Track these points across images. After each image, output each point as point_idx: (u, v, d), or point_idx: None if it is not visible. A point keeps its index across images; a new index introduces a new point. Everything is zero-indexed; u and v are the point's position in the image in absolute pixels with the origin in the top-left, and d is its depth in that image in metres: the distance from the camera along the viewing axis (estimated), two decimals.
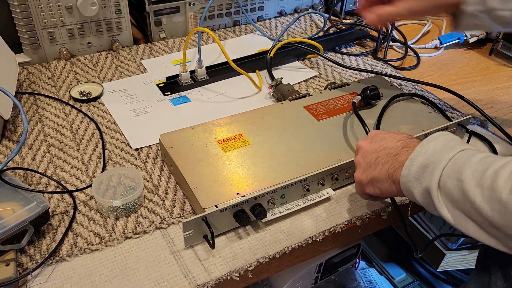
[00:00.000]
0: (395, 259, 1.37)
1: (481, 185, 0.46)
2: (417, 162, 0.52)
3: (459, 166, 0.49)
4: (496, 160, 0.47)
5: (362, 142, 0.63)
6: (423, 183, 0.52)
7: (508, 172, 0.45)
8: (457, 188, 0.48)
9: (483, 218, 0.46)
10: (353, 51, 1.10)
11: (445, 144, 0.53)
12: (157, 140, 0.78)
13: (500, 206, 0.44)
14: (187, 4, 1.07)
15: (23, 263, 0.59)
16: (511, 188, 0.43)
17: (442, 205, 0.50)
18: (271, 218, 0.65)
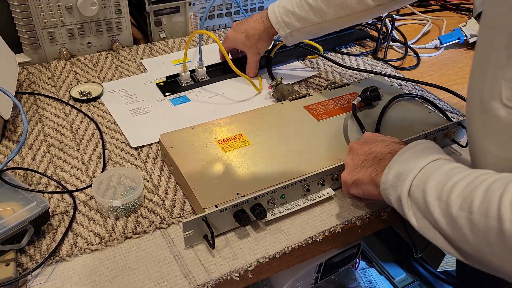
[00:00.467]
0: (395, 259, 1.37)
1: (440, 198, 0.47)
2: (394, 170, 0.55)
3: (427, 177, 0.50)
4: (458, 173, 0.48)
5: (354, 143, 0.66)
6: (397, 191, 0.53)
7: (462, 186, 0.46)
8: (422, 199, 0.49)
9: (441, 229, 0.47)
10: (353, 51, 1.10)
11: (420, 153, 0.55)
12: (157, 140, 0.78)
13: (452, 220, 0.45)
14: (187, 4, 1.07)
15: (23, 263, 0.59)
16: (460, 203, 0.44)
17: (411, 214, 0.52)
18: (271, 218, 0.65)
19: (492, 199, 0.42)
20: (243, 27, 0.90)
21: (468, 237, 0.44)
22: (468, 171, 0.48)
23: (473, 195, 0.44)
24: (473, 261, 0.46)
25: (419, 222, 0.51)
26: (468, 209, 0.44)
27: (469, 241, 0.44)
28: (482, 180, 0.45)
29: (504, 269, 0.43)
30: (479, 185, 0.44)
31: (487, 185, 0.44)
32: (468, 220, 0.43)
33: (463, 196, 0.45)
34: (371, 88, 0.82)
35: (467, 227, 0.44)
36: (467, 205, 0.44)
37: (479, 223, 0.42)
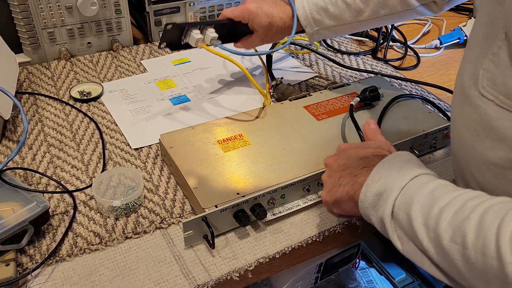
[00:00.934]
0: (395, 259, 1.37)
1: (427, 225, 0.45)
2: (373, 189, 0.51)
3: (410, 198, 0.47)
4: (443, 195, 0.46)
5: (329, 159, 0.61)
6: (379, 212, 0.51)
7: (450, 214, 0.43)
8: (407, 224, 0.47)
9: (430, 257, 0.45)
10: (353, 51, 1.10)
11: (399, 169, 0.51)
12: (157, 140, 0.78)
13: (443, 252, 0.43)
14: (187, 4, 1.07)
15: (23, 263, 0.59)
16: (451, 235, 0.42)
17: (396, 238, 0.49)
18: (271, 218, 0.65)
19: (488, 235, 0.39)
20: (269, 10, 0.80)
21: (462, 270, 0.42)
22: (453, 192, 0.46)
23: (465, 227, 0.41)
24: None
25: (405, 245, 0.48)
26: (462, 243, 0.41)
27: (463, 274, 0.42)
28: (472, 209, 0.42)
29: None
30: (470, 215, 0.42)
31: (479, 216, 0.41)
32: (462, 255, 0.41)
33: (453, 227, 0.42)
34: (370, 88, 0.82)
35: (461, 262, 0.42)
36: (460, 238, 0.41)
37: (476, 260, 0.40)
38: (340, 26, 0.81)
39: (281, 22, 0.81)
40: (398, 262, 1.36)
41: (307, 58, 1.06)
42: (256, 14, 0.78)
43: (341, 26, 0.81)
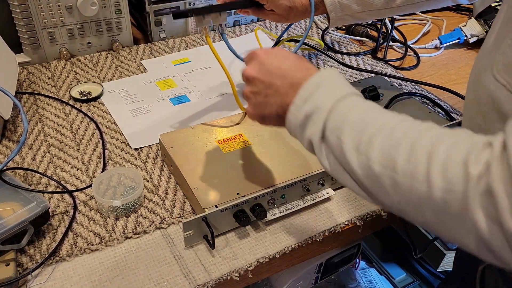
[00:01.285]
0: (395, 259, 1.37)
1: (358, 149, 0.45)
2: (302, 110, 0.50)
3: (341, 122, 0.47)
4: (374, 120, 0.46)
5: (250, 72, 0.57)
6: (307, 132, 0.50)
7: (381, 140, 0.44)
8: (338, 146, 0.47)
9: (358, 179, 0.46)
10: (353, 51, 1.10)
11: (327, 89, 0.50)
12: (157, 140, 0.78)
13: (373, 175, 0.43)
14: (187, 4, 1.07)
15: (23, 263, 0.59)
16: (382, 160, 0.43)
17: (324, 157, 0.49)
18: (271, 218, 0.65)
19: (418, 161, 0.40)
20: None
21: (391, 194, 0.43)
22: (382, 116, 0.46)
23: (396, 152, 0.42)
24: (389, 210, 0.46)
25: (332, 166, 0.49)
26: (392, 168, 0.42)
27: (391, 197, 0.43)
28: (403, 134, 0.43)
29: (428, 226, 0.42)
30: (402, 140, 0.42)
31: (411, 142, 0.42)
32: (391, 179, 0.42)
33: (384, 152, 0.43)
34: (369, 88, 0.82)
35: (390, 186, 0.42)
36: (391, 163, 0.42)
37: (404, 185, 0.41)
38: (367, 12, 0.79)
39: (302, 8, 0.81)
40: (398, 262, 1.36)
41: (306, 58, 1.06)
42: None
43: (368, 12, 0.79)
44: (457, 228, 0.39)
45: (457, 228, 0.39)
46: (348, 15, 0.81)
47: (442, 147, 0.40)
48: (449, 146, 0.39)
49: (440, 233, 0.42)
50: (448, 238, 0.41)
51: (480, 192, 0.36)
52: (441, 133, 0.42)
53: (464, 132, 0.41)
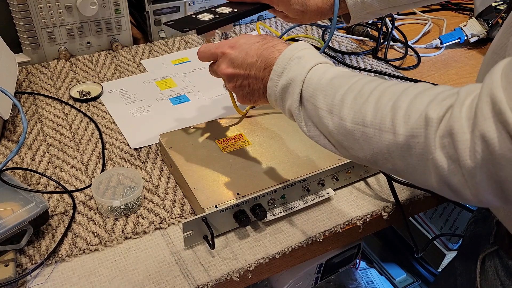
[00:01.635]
0: (396, 260, 1.37)
1: (331, 112, 0.49)
2: (278, 84, 0.55)
3: (313, 89, 0.52)
4: (342, 83, 0.50)
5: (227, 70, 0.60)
6: (286, 104, 0.55)
7: (351, 99, 0.48)
8: (314, 112, 0.51)
9: (335, 140, 0.50)
10: (353, 50, 1.10)
11: (298, 60, 0.54)
12: (156, 140, 0.78)
13: (346, 132, 0.48)
14: (187, 4, 1.07)
15: (22, 263, 0.59)
16: (353, 117, 0.47)
17: (303, 124, 0.54)
18: (271, 219, 0.65)
19: (384, 113, 0.44)
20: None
21: (363, 146, 0.47)
22: (350, 79, 0.50)
23: (365, 108, 0.46)
24: (364, 163, 0.50)
25: (311, 131, 0.53)
26: (362, 123, 0.46)
27: (364, 150, 0.47)
28: (369, 92, 0.47)
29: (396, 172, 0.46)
30: (368, 98, 0.46)
31: (376, 98, 0.46)
32: (362, 133, 0.46)
33: (354, 110, 0.47)
34: None
35: (362, 139, 0.47)
36: (360, 119, 0.46)
37: (374, 135, 0.45)
38: (389, 9, 0.78)
39: (317, 11, 0.77)
40: (398, 263, 1.36)
41: None
42: (288, 2, 0.75)
43: (391, 9, 0.78)
44: (421, 170, 0.42)
45: (421, 170, 0.42)
46: (370, 13, 0.79)
47: (406, 98, 0.44)
48: (412, 97, 0.43)
49: (407, 177, 0.46)
50: (414, 181, 0.45)
51: (440, 133, 0.40)
52: (405, 86, 0.46)
53: (426, 85, 0.45)
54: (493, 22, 1.11)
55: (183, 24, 0.68)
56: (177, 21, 0.70)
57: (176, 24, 0.68)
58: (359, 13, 0.78)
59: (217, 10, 0.72)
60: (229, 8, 0.72)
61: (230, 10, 0.72)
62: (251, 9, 0.74)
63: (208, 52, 0.63)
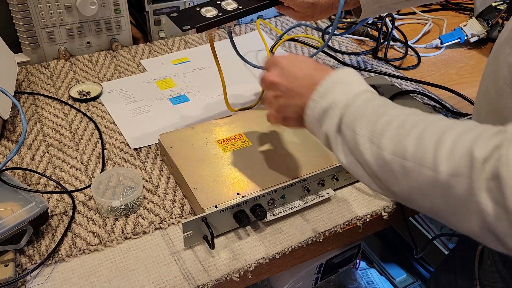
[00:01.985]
0: (396, 260, 1.37)
1: (371, 140, 0.47)
2: (319, 105, 0.53)
3: (355, 115, 0.50)
4: (386, 112, 0.48)
5: (273, 77, 0.60)
6: (324, 127, 0.53)
7: (393, 129, 0.46)
8: (352, 138, 0.49)
9: (370, 170, 0.48)
10: (353, 50, 1.10)
11: (343, 85, 0.53)
12: (156, 140, 0.78)
13: (384, 164, 0.46)
14: (187, 4, 1.07)
15: (22, 263, 0.59)
16: (393, 148, 0.45)
17: (339, 150, 0.52)
18: (271, 219, 0.65)
19: (426, 148, 0.42)
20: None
21: (400, 180, 0.45)
22: (395, 109, 0.49)
23: (406, 141, 0.44)
24: (399, 199, 0.48)
25: (347, 158, 0.51)
26: (402, 156, 0.44)
27: (400, 184, 0.45)
28: (413, 124, 0.45)
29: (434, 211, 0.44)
30: (411, 130, 0.45)
31: (420, 131, 0.44)
32: (401, 166, 0.44)
33: (395, 141, 0.45)
34: None
35: (400, 172, 0.44)
36: (401, 151, 0.44)
37: (413, 170, 0.43)
38: (401, 3, 0.76)
39: (327, 3, 0.74)
40: (398, 263, 1.36)
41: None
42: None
43: (405, 3, 0.76)
44: (462, 212, 0.40)
45: (462, 212, 0.40)
46: (382, 6, 0.76)
47: (451, 134, 0.41)
48: (458, 134, 0.41)
49: (446, 219, 0.43)
50: (453, 223, 0.43)
51: (486, 176, 0.37)
52: (451, 123, 0.43)
53: (473, 123, 0.43)
54: (493, 22, 1.11)
55: (184, 19, 0.67)
56: (180, 15, 0.68)
57: (177, 19, 0.67)
58: (371, 6, 0.75)
59: (222, 4, 0.70)
60: (234, 3, 0.71)
61: (235, 7, 0.70)
62: (257, 6, 0.72)
63: (269, 60, 0.62)
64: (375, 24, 1.17)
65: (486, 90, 0.55)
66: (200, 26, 0.66)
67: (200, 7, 0.69)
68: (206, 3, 0.70)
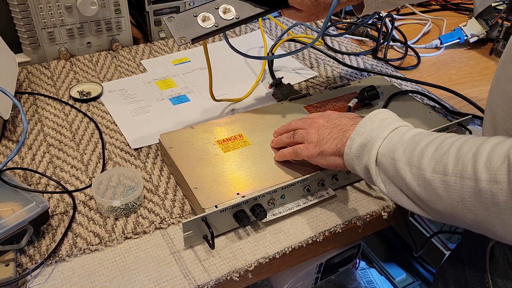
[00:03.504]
0: (395, 259, 1.37)
1: (410, 163, 0.50)
2: (357, 142, 0.57)
3: (393, 145, 0.53)
4: (423, 138, 0.51)
5: (319, 120, 0.66)
6: (363, 161, 0.56)
7: (431, 150, 0.49)
8: (391, 166, 0.52)
9: (412, 193, 0.50)
10: (353, 50, 1.10)
11: (380, 123, 0.57)
12: (156, 140, 0.78)
13: (425, 183, 0.48)
14: (187, 4, 1.07)
15: (22, 263, 0.59)
16: (433, 167, 0.47)
17: (380, 180, 0.55)
18: (271, 219, 0.65)
19: (465, 161, 0.45)
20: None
21: (443, 197, 0.47)
22: (432, 135, 0.51)
23: (446, 158, 0.47)
24: (442, 218, 0.50)
25: (387, 187, 0.54)
26: (443, 172, 0.46)
27: (443, 201, 0.47)
28: (451, 144, 0.48)
29: (476, 224, 0.45)
30: (450, 148, 0.47)
31: (457, 147, 0.46)
32: (443, 182, 0.46)
33: (435, 160, 0.47)
34: (368, 87, 0.82)
35: (442, 188, 0.46)
36: (441, 168, 0.47)
37: (455, 183, 0.45)
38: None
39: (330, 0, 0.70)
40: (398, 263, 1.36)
41: (307, 58, 1.06)
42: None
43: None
44: (506, 219, 0.41)
45: (506, 219, 0.41)
46: (385, 2, 0.73)
47: (487, 145, 0.44)
48: (493, 144, 0.44)
49: (491, 230, 0.44)
50: (499, 234, 0.44)
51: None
52: (485, 138, 0.46)
53: (504, 136, 0.45)
54: (493, 22, 1.11)
55: (181, 27, 0.67)
56: (177, 21, 0.68)
57: (174, 27, 0.67)
58: (373, 2, 0.72)
59: (219, 11, 0.69)
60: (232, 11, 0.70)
61: (232, 16, 0.69)
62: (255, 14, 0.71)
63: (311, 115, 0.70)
64: (375, 25, 1.17)
65: (504, 92, 0.55)
66: (195, 38, 0.68)
67: (197, 13, 0.68)
68: (203, 6, 0.69)
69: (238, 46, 0.84)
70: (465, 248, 0.67)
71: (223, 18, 0.69)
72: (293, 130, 0.69)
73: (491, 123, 0.57)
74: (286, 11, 0.74)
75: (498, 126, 0.56)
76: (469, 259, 0.64)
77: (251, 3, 0.71)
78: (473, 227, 0.47)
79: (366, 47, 1.12)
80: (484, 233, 0.46)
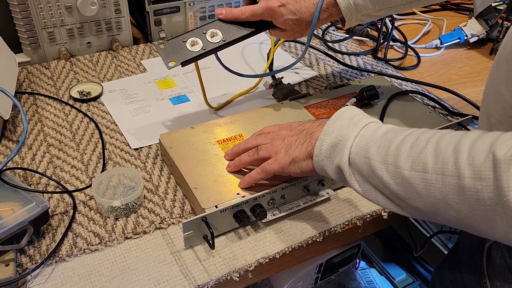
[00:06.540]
0: (395, 259, 1.37)
1: (386, 162, 0.49)
2: (327, 142, 0.55)
3: (366, 143, 0.52)
4: (396, 135, 0.50)
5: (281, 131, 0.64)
6: (335, 161, 0.55)
7: (407, 149, 0.47)
8: (366, 165, 0.51)
9: (390, 191, 0.49)
10: (353, 50, 1.10)
11: (349, 121, 0.55)
12: (156, 140, 0.78)
13: (403, 181, 0.47)
14: (187, 4, 1.07)
15: (22, 263, 0.59)
16: (411, 165, 0.46)
17: (354, 180, 0.53)
18: (271, 219, 0.65)
19: (446, 158, 0.43)
20: (296, 7, 0.72)
21: (423, 195, 0.45)
22: (405, 131, 0.50)
23: (424, 155, 0.45)
24: (422, 215, 0.48)
25: (362, 186, 0.52)
26: (422, 170, 0.45)
27: (423, 198, 0.46)
28: (426, 140, 0.46)
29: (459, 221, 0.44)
30: (426, 145, 0.46)
31: (434, 144, 0.45)
32: (422, 180, 0.45)
33: (412, 158, 0.46)
34: (367, 87, 0.82)
35: (422, 186, 0.45)
36: (420, 165, 0.45)
37: (436, 181, 0.44)
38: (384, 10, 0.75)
39: (309, 16, 0.73)
40: (398, 262, 1.36)
41: (307, 58, 1.06)
42: (280, 14, 0.71)
43: (386, 10, 0.75)
44: (490, 216, 0.40)
45: (490, 216, 0.40)
46: (365, 15, 0.75)
47: (466, 141, 0.42)
48: (473, 140, 0.42)
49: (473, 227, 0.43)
50: (480, 229, 0.43)
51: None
52: (462, 132, 0.45)
53: (482, 130, 0.44)
54: (493, 22, 1.11)
55: (171, 53, 0.71)
56: (168, 47, 0.72)
57: (164, 52, 0.71)
58: (354, 16, 0.75)
59: (207, 36, 0.74)
60: (219, 34, 0.74)
61: (219, 39, 0.74)
62: (240, 36, 0.74)
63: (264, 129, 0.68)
64: (375, 25, 1.17)
65: (498, 94, 0.55)
66: (184, 62, 0.71)
67: (186, 38, 0.73)
68: (191, 32, 0.74)
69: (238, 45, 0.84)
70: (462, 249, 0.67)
71: (210, 42, 0.73)
72: (253, 147, 0.66)
73: (486, 125, 0.57)
74: (273, 31, 0.77)
75: (493, 128, 0.55)
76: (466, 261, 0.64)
77: (237, 27, 0.75)
78: (455, 224, 0.46)
79: (366, 47, 1.12)
80: (465, 229, 0.46)
